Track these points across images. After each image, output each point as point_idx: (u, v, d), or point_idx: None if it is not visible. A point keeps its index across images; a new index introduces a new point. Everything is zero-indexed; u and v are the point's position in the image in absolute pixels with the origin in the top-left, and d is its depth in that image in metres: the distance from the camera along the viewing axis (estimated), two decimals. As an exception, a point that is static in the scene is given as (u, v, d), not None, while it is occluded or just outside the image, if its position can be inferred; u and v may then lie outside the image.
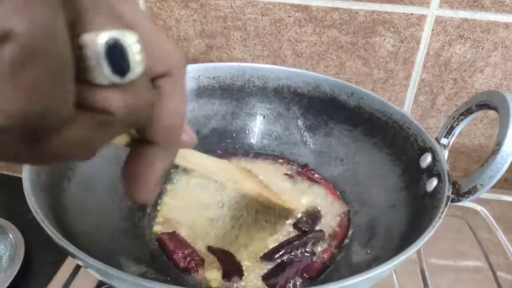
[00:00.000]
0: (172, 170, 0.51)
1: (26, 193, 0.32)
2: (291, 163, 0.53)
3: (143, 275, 0.36)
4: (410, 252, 0.30)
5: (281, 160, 0.53)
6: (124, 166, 0.21)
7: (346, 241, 0.43)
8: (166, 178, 0.19)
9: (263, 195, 0.41)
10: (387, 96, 0.61)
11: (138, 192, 0.20)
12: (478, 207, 0.58)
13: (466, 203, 0.58)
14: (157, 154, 0.20)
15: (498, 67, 0.56)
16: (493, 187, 0.34)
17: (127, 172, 0.20)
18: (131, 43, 0.14)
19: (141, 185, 0.20)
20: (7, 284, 0.43)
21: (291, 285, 0.37)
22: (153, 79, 0.18)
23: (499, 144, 0.32)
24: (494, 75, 0.57)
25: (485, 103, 0.36)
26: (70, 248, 0.28)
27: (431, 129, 0.63)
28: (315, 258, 0.40)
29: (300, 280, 0.37)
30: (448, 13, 0.54)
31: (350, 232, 0.44)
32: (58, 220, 0.33)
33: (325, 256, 0.41)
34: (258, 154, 0.54)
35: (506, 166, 0.32)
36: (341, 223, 0.45)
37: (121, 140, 0.20)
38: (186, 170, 0.47)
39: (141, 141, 0.19)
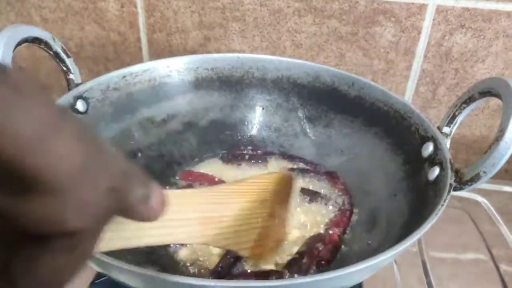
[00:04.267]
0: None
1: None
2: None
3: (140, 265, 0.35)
4: (412, 240, 0.29)
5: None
6: None
7: (347, 231, 0.43)
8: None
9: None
10: (387, 87, 0.60)
11: None
12: (480, 198, 0.58)
13: (467, 194, 0.58)
14: None
15: (500, 57, 0.56)
16: (494, 177, 0.34)
17: None
18: None
19: None
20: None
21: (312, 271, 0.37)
22: None
23: (502, 130, 0.31)
24: (495, 64, 0.56)
25: (488, 90, 0.35)
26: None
27: (431, 120, 0.62)
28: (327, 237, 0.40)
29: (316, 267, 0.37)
30: (449, 2, 0.53)
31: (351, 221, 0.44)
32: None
33: (335, 237, 0.40)
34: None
35: (509, 153, 0.31)
36: (342, 212, 0.44)
37: None
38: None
39: None
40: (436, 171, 0.36)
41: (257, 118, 0.54)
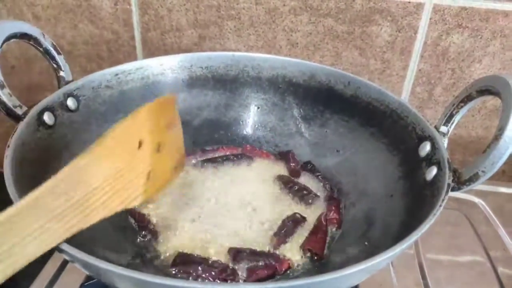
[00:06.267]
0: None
1: (7, 184, 0.30)
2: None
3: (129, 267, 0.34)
4: (409, 242, 0.28)
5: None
6: None
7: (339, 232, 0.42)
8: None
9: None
10: (383, 87, 0.60)
11: None
12: (476, 199, 0.57)
13: (464, 195, 0.58)
14: None
15: (497, 57, 0.55)
16: (491, 178, 0.33)
17: None
18: None
19: None
20: (-7, 281, 0.42)
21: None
22: None
23: (501, 129, 0.31)
24: (492, 64, 0.56)
25: (486, 88, 0.35)
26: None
27: (428, 120, 0.62)
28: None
29: None
30: (446, 1, 0.53)
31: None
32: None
33: (286, 265, 0.38)
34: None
35: (508, 152, 0.31)
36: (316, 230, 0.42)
37: None
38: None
39: None
40: (433, 171, 0.36)
41: (252, 118, 0.54)
